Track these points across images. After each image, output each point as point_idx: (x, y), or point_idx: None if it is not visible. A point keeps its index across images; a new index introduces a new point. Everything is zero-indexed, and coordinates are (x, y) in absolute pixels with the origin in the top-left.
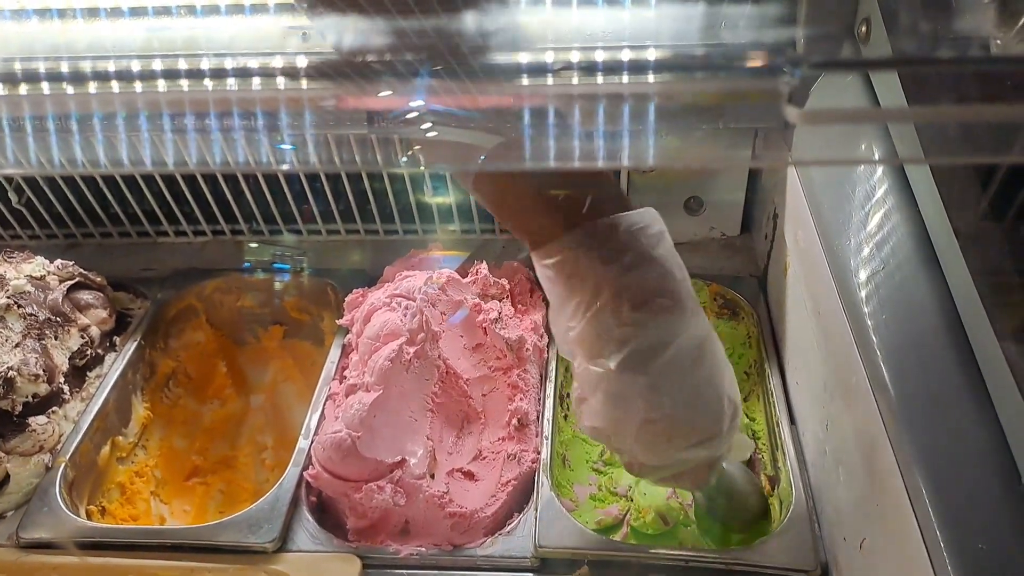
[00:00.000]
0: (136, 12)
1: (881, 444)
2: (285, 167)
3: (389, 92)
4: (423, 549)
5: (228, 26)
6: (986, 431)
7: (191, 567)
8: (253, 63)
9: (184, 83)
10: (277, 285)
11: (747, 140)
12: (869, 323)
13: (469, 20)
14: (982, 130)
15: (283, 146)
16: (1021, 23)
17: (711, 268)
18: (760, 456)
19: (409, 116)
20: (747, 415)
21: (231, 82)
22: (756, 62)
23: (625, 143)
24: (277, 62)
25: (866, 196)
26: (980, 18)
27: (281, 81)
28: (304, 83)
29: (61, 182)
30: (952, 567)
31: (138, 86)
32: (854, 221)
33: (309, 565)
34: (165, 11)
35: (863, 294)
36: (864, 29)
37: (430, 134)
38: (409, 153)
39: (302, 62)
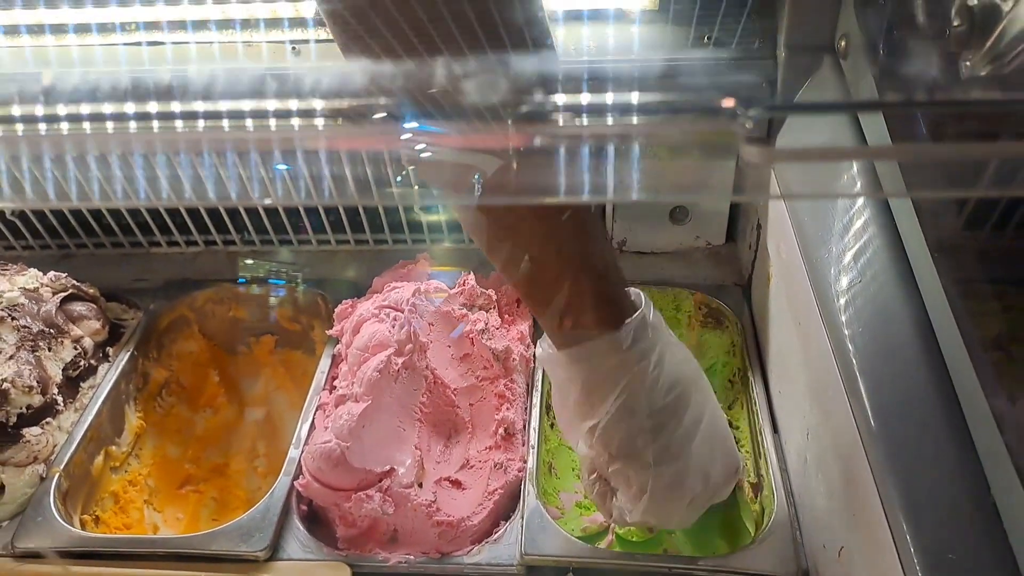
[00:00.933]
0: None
1: (857, 454)
2: (268, 200)
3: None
4: (411, 557)
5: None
6: (957, 443)
7: (185, 575)
8: (247, 104)
9: (178, 123)
10: (269, 296)
11: (731, 157)
12: (846, 334)
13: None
14: (954, 164)
15: (279, 167)
16: (988, 45)
17: (696, 277)
18: (744, 463)
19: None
20: (731, 422)
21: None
22: (714, 104)
23: (610, 177)
24: (271, 104)
25: (845, 210)
26: (950, 40)
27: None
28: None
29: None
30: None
31: (132, 125)
32: (834, 234)
33: (300, 573)
34: (155, 26)
35: (841, 305)
36: (843, 44)
37: (424, 155)
38: (404, 173)
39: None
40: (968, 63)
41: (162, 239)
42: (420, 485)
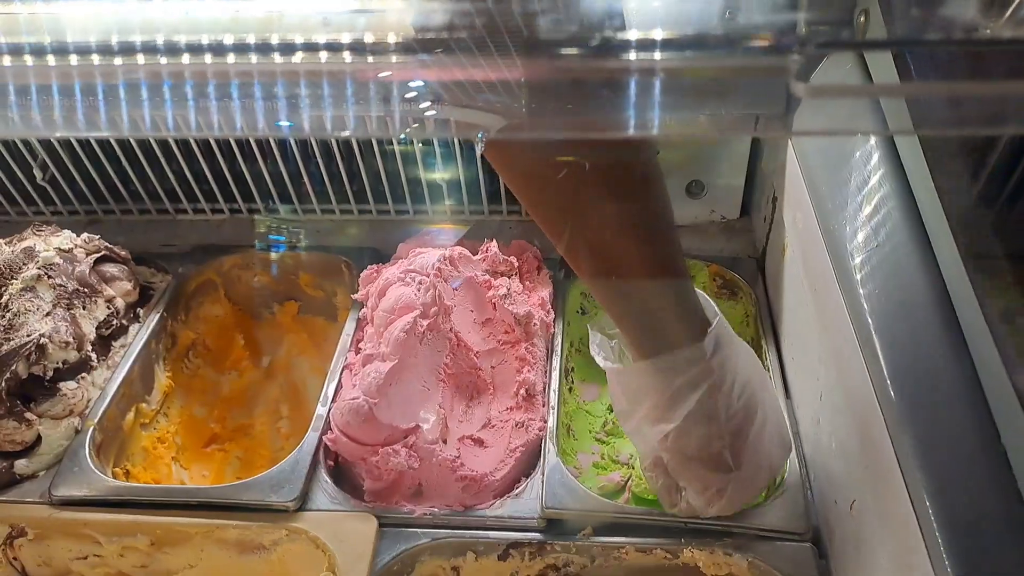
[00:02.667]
0: None
1: (872, 411)
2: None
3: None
4: (436, 509)
5: None
6: (970, 396)
7: (216, 524)
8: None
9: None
10: (292, 262)
11: (748, 125)
12: (863, 298)
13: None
14: (973, 106)
15: (281, 123)
16: (1009, 12)
17: (711, 250)
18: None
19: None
20: None
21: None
22: (765, 41)
23: (631, 115)
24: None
25: (862, 180)
26: (971, 8)
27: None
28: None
29: (85, 159)
30: (936, 519)
31: (163, 60)
32: (850, 203)
33: (328, 523)
34: None
35: (857, 271)
36: (863, 19)
37: (428, 113)
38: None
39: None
40: (988, 31)
41: (188, 206)
42: (444, 442)
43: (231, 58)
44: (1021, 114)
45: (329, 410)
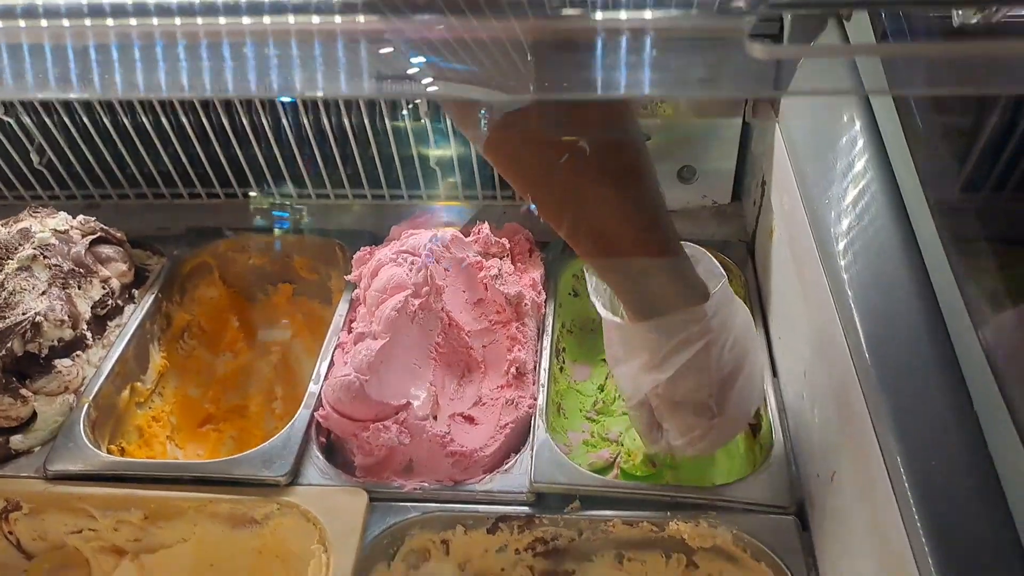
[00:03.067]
0: None
1: (851, 382)
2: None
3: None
4: (426, 484)
5: None
6: (945, 367)
7: (209, 498)
8: None
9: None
10: (287, 245)
11: (738, 108)
12: (844, 277)
13: None
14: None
15: (283, 98)
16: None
17: (703, 234)
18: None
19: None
20: None
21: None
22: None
23: (623, 75)
24: None
25: (847, 163)
26: None
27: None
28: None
29: (81, 143)
30: (908, 483)
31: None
32: (835, 185)
33: (320, 497)
34: None
35: (840, 252)
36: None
37: (430, 88)
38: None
39: None
40: (959, 14)
41: (184, 190)
42: (435, 419)
43: (222, 19)
44: (991, 74)
45: (321, 387)
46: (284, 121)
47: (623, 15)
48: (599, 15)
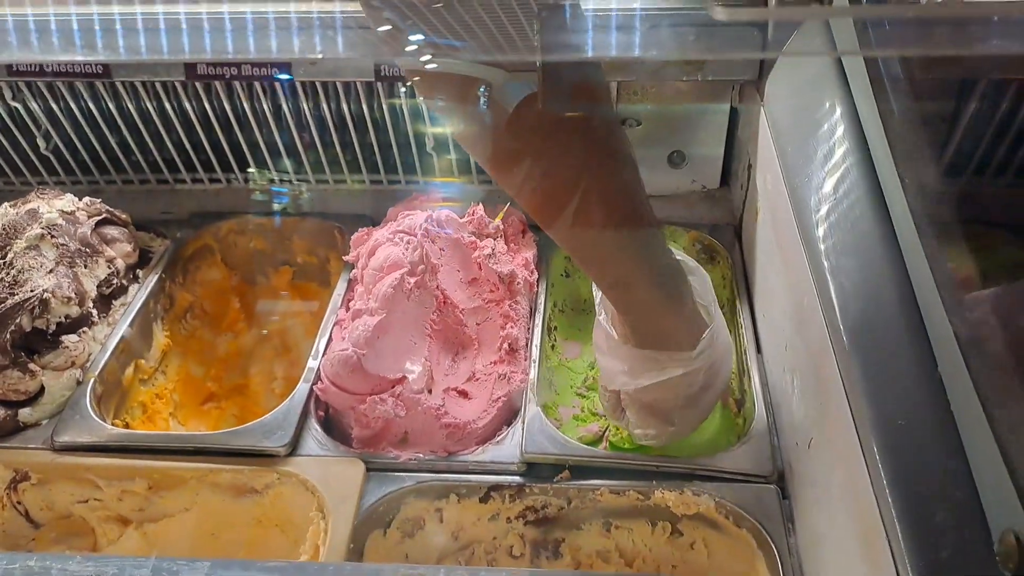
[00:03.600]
0: None
1: (826, 352)
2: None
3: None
4: (421, 455)
5: None
6: (914, 339)
7: (211, 468)
8: None
9: None
10: (287, 228)
11: (725, 94)
12: (820, 246)
13: None
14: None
15: (280, 76)
16: None
17: (692, 218)
18: (730, 382)
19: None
20: None
21: None
22: None
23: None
24: None
25: (827, 145)
26: None
27: None
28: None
29: (87, 129)
30: (876, 442)
31: None
32: (815, 165)
33: (318, 467)
34: None
35: (818, 226)
36: None
37: (429, 66)
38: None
39: None
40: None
41: (187, 175)
42: (430, 392)
43: None
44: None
45: (320, 362)
46: (285, 107)
47: None
48: None
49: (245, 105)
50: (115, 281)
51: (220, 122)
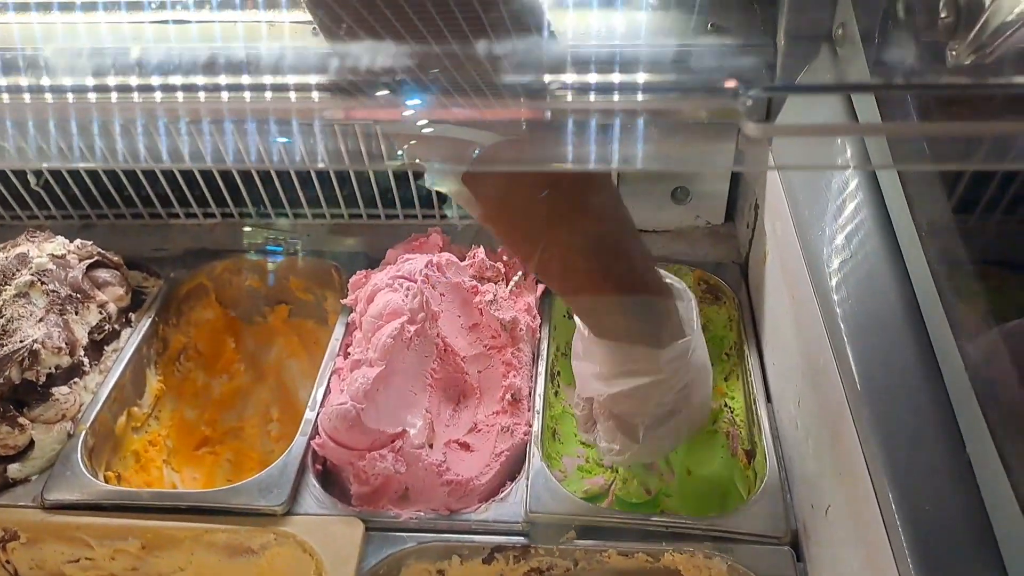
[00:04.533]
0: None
1: (844, 418)
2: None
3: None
4: (421, 513)
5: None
6: (937, 407)
7: (205, 528)
8: (268, 78)
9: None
10: (283, 266)
11: (730, 134)
12: (837, 309)
13: (479, 46)
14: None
15: (279, 140)
16: (972, 35)
17: (696, 255)
18: (739, 432)
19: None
20: (728, 393)
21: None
22: (719, 85)
23: (615, 148)
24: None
25: (839, 191)
26: (938, 30)
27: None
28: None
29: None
30: (902, 527)
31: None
32: (827, 214)
33: (316, 527)
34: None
35: (833, 282)
36: (840, 32)
37: (425, 130)
38: (404, 147)
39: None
40: (954, 52)
41: (180, 210)
42: (430, 446)
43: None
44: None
45: (317, 415)
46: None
47: (616, 97)
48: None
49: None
50: (107, 327)
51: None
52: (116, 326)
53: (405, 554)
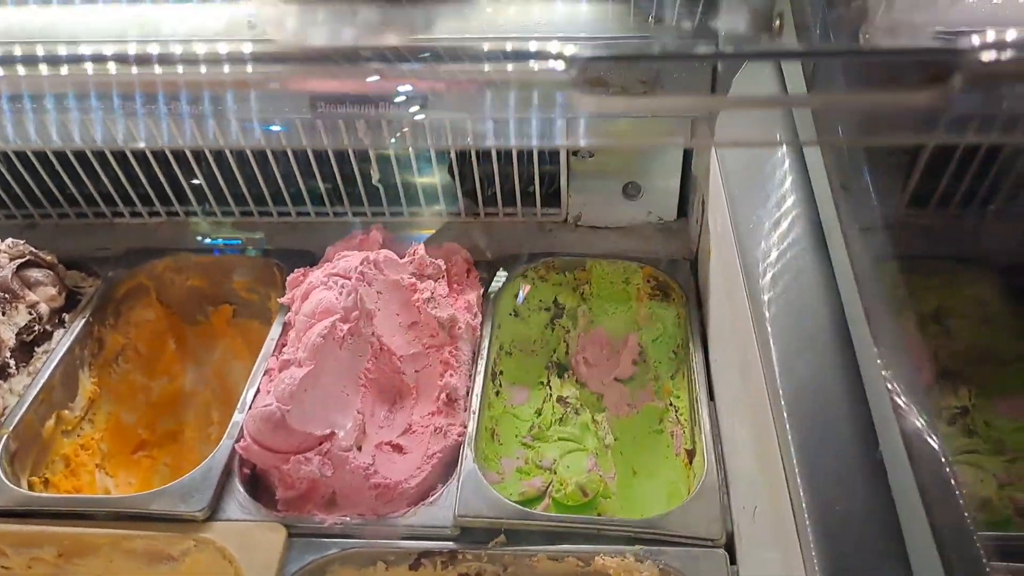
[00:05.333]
0: None
1: (766, 418)
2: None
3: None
4: (347, 519)
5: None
6: (853, 405)
7: (123, 534)
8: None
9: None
10: (226, 265)
11: (683, 125)
12: (764, 303)
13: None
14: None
15: (273, 127)
16: (878, 17)
17: (648, 251)
18: (682, 431)
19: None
20: (673, 392)
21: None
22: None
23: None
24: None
25: (773, 186)
26: (853, 14)
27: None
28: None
29: (19, 164)
30: (812, 529)
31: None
32: (761, 210)
33: (237, 533)
34: None
35: (763, 277)
36: (778, 23)
37: (418, 117)
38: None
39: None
40: (867, 36)
41: (125, 209)
42: (360, 448)
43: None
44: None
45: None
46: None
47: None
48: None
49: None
50: (37, 327)
51: (156, 155)
52: (48, 327)
53: (328, 560)
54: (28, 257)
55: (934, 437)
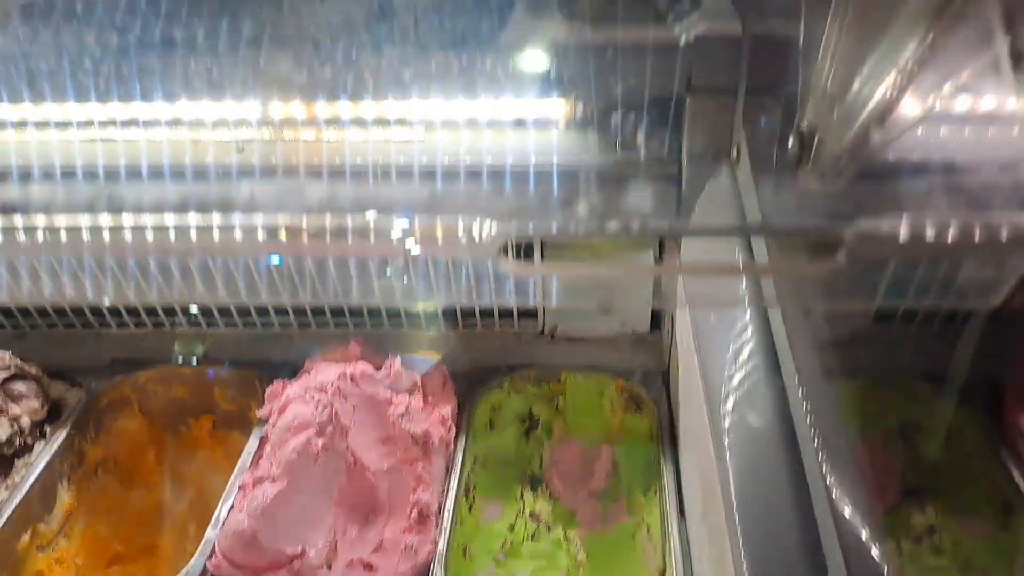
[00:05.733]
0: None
1: (724, 537)
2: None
3: None
4: None
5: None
6: (804, 527)
7: None
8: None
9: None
10: (209, 377)
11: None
12: (724, 427)
13: None
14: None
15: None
16: (811, 164)
17: (622, 362)
18: (653, 549)
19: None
20: (645, 507)
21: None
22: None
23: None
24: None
25: (733, 317)
26: (791, 158)
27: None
28: None
29: (8, 276)
30: None
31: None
32: (720, 328)
33: None
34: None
35: (724, 402)
36: (736, 152)
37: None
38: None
39: None
40: (802, 179)
41: (112, 320)
42: (330, 567)
43: None
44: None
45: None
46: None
47: None
48: None
49: None
50: (18, 441)
51: (140, 266)
52: (29, 439)
53: None
54: (14, 371)
55: (878, 559)
